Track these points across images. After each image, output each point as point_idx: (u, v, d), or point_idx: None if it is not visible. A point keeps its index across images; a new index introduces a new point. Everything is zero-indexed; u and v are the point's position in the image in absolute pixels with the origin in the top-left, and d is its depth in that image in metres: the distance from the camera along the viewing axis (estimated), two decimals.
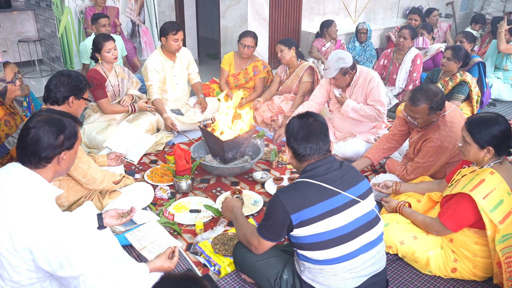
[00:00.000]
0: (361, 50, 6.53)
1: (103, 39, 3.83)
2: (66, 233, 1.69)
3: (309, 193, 1.92)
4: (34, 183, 1.74)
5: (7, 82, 2.97)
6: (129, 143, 3.41)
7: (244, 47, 4.65)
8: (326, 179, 1.94)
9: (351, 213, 1.95)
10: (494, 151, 2.22)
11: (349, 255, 1.95)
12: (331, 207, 1.91)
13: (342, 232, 1.93)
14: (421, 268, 2.49)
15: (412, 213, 2.57)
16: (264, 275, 2.15)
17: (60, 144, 1.77)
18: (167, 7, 6.94)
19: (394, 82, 5.17)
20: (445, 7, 8.66)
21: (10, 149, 3.01)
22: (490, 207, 2.17)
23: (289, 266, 2.15)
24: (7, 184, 1.72)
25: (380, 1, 7.85)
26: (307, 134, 1.98)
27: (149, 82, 4.22)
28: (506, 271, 2.21)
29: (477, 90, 4.40)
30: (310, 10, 6.92)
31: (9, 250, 1.65)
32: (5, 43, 6.73)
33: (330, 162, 1.99)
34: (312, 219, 1.89)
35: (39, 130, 1.74)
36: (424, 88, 2.81)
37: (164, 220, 2.88)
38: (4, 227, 1.64)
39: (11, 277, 1.70)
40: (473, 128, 2.26)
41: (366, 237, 1.98)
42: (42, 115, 1.82)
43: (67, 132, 1.80)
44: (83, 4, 6.11)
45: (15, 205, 1.66)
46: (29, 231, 1.63)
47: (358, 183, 2.01)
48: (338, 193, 1.94)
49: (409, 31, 5.01)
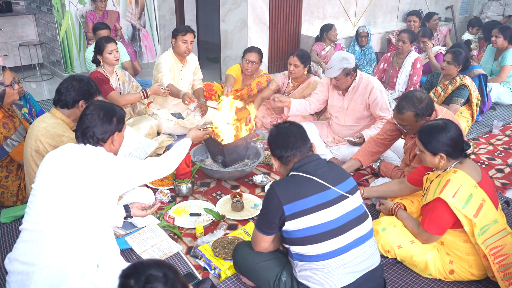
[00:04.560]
0: (361, 54, 6.54)
1: (105, 40, 3.89)
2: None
3: (302, 186, 2.00)
4: (103, 152, 2.17)
5: (6, 85, 2.99)
6: (130, 148, 3.41)
7: (248, 63, 4.50)
8: (318, 174, 2.03)
9: (340, 207, 2.01)
10: (447, 156, 2.32)
11: (340, 249, 1.99)
12: (322, 201, 1.98)
13: (333, 226, 1.98)
14: (421, 271, 2.49)
15: (406, 217, 2.58)
16: (263, 277, 2.18)
17: (114, 126, 2.21)
18: (168, 11, 6.96)
19: (394, 85, 5.17)
20: (445, 11, 8.68)
21: (9, 152, 3.02)
22: (462, 203, 2.23)
23: (287, 268, 2.16)
24: (82, 154, 2.12)
25: (379, 5, 7.87)
26: (285, 136, 2.11)
27: (162, 73, 4.15)
28: (494, 263, 2.26)
29: (476, 94, 4.41)
30: (310, 14, 6.94)
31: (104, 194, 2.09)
32: (6, 47, 6.75)
33: (317, 159, 2.09)
34: (304, 211, 1.96)
35: (95, 115, 2.17)
36: (409, 96, 2.87)
37: (164, 224, 2.88)
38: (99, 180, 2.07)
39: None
40: (423, 137, 2.37)
41: (356, 231, 2.04)
42: (95, 104, 2.25)
43: (118, 115, 2.25)
44: (84, 9, 6.13)
45: (100, 160, 2.11)
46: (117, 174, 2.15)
47: (346, 180, 2.09)
48: (328, 187, 2.01)
49: (408, 35, 5.02)
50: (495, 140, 4.44)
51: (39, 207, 1.98)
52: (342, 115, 3.84)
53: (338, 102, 3.84)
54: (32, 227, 1.97)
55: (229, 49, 6.52)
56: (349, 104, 3.76)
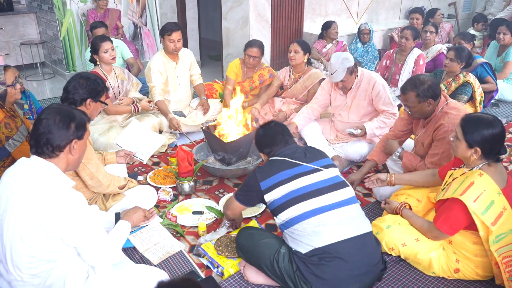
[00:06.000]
0: (363, 51, 6.52)
1: (100, 39, 3.85)
2: (89, 216, 1.87)
3: (276, 165, 2.31)
4: (51, 172, 1.84)
5: (7, 85, 2.97)
6: (139, 142, 3.41)
7: (249, 58, 4.51)
8: (293, 157, 2.32)
9: (314, 177, 2.26)
10: (482, 153, 2.23)
11: (320, 209, 2.17)
12: (295, 173, 2.25)
13: (308, 190, 2.21)
14: (424, 269, 2.48)
15: (411, 216, 2.57)
16: (265, 252, 2.29)
17: (71, 132, 1.88)
18: (169, 9, 6.95)
19: (396, 83, 5.15)
20: (448, 8, 8.64)
21: (11, 151, 3.01)
22: (482, 209, 2.17)
23: (286, 244, 2.30)
24: (24, 175, 1.81)
25: (382, 2, 7.84)
26: (273, 136, 2.45)
27: (152, 83, 4.22)
28: (505, 272, 2.22)
29: (480, 91, 4.38)
30: (312, 12, 6.92)
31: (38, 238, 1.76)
32: (7, 46, 6.75)
33: (294, 147, 2.41)
34: (279, 183, 2.24)
35: (50, 119, 1.85)
36: (413, 78, 2.94)
37: (167, 222, 2.87)
38: (30, 217, 1.74)
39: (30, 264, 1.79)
40: (467, 125, 2.27)
41: (335, 195, 2.23)
42: (52, 107, 1.94)
43: (77, 120, 1.91)
44: (85, 7, 6.12)
45: (35, 194, 1.76)
46: (58, 220, 1.76)
47: (321, 159, 2.35)
48: (301, 164, 2.29)
49: (411, 32, 4.99)
50: None
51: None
52: (346, 113, 3.82)
53: (341, 101, 3.84)
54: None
55: (231, 47, 6.50)
56: (353, 101, 3.75)
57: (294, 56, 4.30)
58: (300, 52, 4.29)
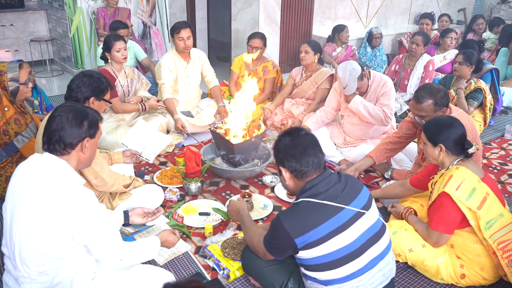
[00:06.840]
0: (372, 55, 6.50)
1: (114, 38, 3.85)
2: (102, 215, 1.86)
3: (312, 214, 1.85)
4: (62, 169, 1.83)
5: (21, 83, 2.98)
6: (145, 141, 3.41)
7: (252, 49, 4.61)
8: (328, 195, 1.88)
9: (358, 227, 1.89)
10: (446, 148, 2.38)
11: (358, 272, 1.90)
12: (337, 225, 1.84)
13: (351, 249, 1.87)
14: (432, 276, 2.46)
15: (416, 222, 2.57)
16: (270, 280, 2.15)
17: (84, 130, 1.87)
18: (179, 9, 6.96)
19: (405, 88, 5.13)
20: (457, 14, 8.61)
21: (19, 148, 3.02)
22: (465, 195, 2.26)
23: (295, 275, 2.12)
24: (36, 171, 1.81)
25: (391, 6, 7.82)
26: (304, 148, 1.91)
27: (162, 80, 4.21)
28: (503, 258, 2.25)
29: (490, 98, 4.35)
30: (321, 15, 6.90)
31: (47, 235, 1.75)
32: (17, 42, 6.78)
33: (328, 176, 1.93)
34: (319, 240, 1.83)
35: (63, 117, 1.85)
36: (427, 87, 2.94)
37: (173, 223, 2.86)
38: (40, 213, 1.74)
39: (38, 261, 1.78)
40: (428, 128, 2.48)
41: (374, 250, 1.94)
42: (66, 105, 1.94)
43: (90, 119, 1.91)
44: (95, 5, 6.14)
45: (46, 190, 1.76)
46: (68, 217, 1.75)
47: (360, 193, 1.96)
48: (342, 208, 1.87)
49: (422, 38, 4.97)
50: (507, 145, 4.38)
51: (6, 231, 1.86)
52: (355, 115, 3.80)
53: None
54: (7, 252, 1.87)
55: (240, 48, 6.49)
56: None
57: (305, 57, 4.39)
58: (311, 53, 4.37)
